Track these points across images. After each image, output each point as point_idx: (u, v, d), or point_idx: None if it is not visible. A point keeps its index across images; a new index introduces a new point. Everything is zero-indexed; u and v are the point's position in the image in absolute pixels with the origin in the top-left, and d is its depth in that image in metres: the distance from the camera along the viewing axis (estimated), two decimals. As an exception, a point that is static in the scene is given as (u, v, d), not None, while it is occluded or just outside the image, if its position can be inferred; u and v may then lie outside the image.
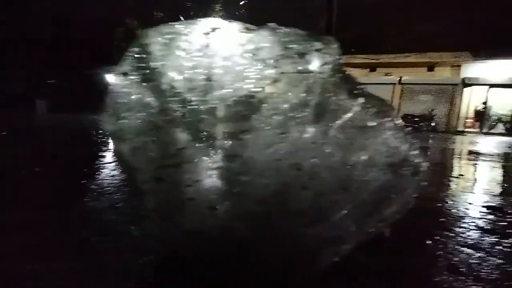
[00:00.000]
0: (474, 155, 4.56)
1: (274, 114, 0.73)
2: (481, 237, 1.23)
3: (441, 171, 3.01)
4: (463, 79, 13.08)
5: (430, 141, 7.50)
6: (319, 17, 4.37)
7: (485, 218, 1.46)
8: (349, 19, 15.66)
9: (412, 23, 14.11)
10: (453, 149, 5.67)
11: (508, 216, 1.50)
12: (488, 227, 1.33)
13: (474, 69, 13.15)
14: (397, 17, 14.28)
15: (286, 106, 0.73)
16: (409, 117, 13.47)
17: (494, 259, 1.03)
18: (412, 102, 13.89)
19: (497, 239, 1.20)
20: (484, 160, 3.87)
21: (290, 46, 0.76)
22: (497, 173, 3.07)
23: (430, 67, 13.89)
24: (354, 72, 15.12)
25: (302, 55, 0.76)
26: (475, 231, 1.29)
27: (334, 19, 3.92)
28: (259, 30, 0.78)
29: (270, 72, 0.74)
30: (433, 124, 12.99)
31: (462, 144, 7.04)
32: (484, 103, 13.18)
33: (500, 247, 1.13)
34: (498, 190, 2.25)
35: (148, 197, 0.84)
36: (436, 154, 4.85)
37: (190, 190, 0.75)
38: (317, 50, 0.78)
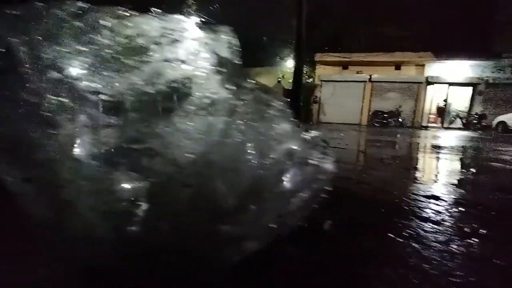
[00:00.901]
0: (433, 148, 4.88)
1: (184, 110, 0.71)
2: (416, 224, 1.30)
3: (398, 163, 3.18)
4: (427, 78, 14.01)
5: (398, 135, 7.95)
6: (290, 16, 4.42)
7: (422, 206, 1.55)
8: (321, 18, 16.03)
9: (380, 24, 14.77)
10: (416, 143, 6.05)
11: (444, 204, 1.61)
12: (424, 215, 1.42)
13: (436, 68, 14.13)
14: (365, 18, 14.87)
15: (196, 101, 0.72)
16: (379, 113, 14.20)
17: (424, 245, 1.09)
18: (382, 99, 14.61)
19: (431, 226, 1.28)
20: (441, 153, 4.16)
21: (206, 42, 0.76)
22: (449, 164, 3.31)
23: (397, 66, 14.70)
24: (328, 69, 15.57)
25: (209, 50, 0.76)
26: (410, 219, 1.36)
27: (303, 17, 3.97)
28: (175, 21, 0.76)
29: (184, 67, 0.72)
30: (400, 120, 13.80)
31: (424, 138, 7.52)
32: (445, 100, 14.23)
33: (434, 234, 1.20)
34: (444, 180, 2.41)
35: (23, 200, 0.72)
36: (399, 148, 5.13)
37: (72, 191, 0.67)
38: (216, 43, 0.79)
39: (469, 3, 14.44)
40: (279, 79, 17.27)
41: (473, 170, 2.85)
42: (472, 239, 1.15)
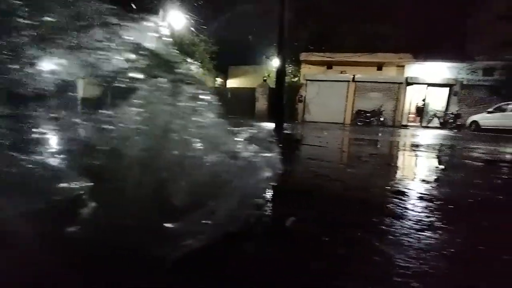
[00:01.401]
0: (411, 146, 5.08)
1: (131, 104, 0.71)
2: (379, 218, 1.36)
3: (374, 161, 3.29)
4: (406, 79, 14.50)
5: (379, 134, 8.20)
6: (274, 15, 4.44)
7: (389, 202, 1.63)
8: (306, 18, 16.21)
9: (363, 25, 15.13)
10: (395, 141, 6.26)
11: (409, 200, 1.69)
12: (388, 210, 1.49)
13: (415, 69, 14.66)
14: (349, 18, 15.20)
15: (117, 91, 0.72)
16: (362, 113, 14.55)
17: (382, 237, 1.14)
18: (364, 99, 14.98)
19: (392, 221, 1.34)
20: (418, 151, 4.33)
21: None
22: (422, 162, 3.45)
23: (379, 67, 15.12)
24: (313, 69, 15.78)
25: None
26: (375, 213, 1.43)
27: (285, 16, 4.00)
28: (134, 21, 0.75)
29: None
30: (382, 119, 14.21)
31: (404, 136, 7.80)
32: (423, 100, 14.79)
33: (396, 228, 1.26)
34: (414, 176, 2.52)
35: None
36: (377, 146, 5.29)
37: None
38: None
39: (445, 8, 15.08)
40: (265, 77, 17.33)
41: (442, 167, 3.00)
42: (426, 231, 1.22)
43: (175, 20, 13.15)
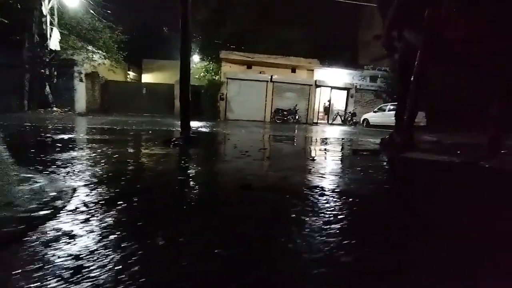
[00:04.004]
0: (317, 140, 5.58)
1: None
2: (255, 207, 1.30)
3: (278, 155, 3.41)
4: (315, 81, 16.34)
5: (296, 130, 8.85)
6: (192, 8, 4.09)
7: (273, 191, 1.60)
8: (225, 17, 16.23)
9: (277, 30, 16.25)
10: (306, 136, 6.83)
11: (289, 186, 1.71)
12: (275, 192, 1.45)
13: (322, 74, 16.69)
14: (263, 22, 16.06)
15: None
16: (279, 111, 15.59)
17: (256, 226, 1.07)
18: (282, 98, 16.09)
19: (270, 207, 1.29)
20: (324, 144, 4.77)
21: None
22: (325, 154, 3.62)
23: (293, 69, 16.51)
24: (234, 68, 15.90)
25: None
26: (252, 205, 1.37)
27: (189, 8, 3.73)
28: None
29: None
30: (297, 117, 15.60)
31: (314, 132, 8.66)
32: (329, 101, 17.01)
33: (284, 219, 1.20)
34: (312, 169, 2.68)
35: None
36: (284, 141, 5.61)
37: None
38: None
39: (342, 23, 17.77)
40: (184, 74, 16.45)
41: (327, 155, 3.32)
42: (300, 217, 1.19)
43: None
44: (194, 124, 8.53)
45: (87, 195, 1.34)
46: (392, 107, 13.16)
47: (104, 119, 8.82)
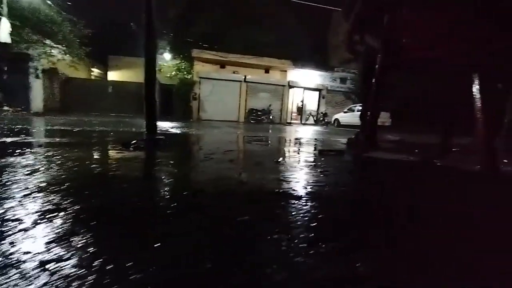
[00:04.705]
0: (287, 141, 5.62)
1: None
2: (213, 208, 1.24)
3: (244, 155, 3.37)
4: (288, 82, 16.58)
5: (269, 131, 8.86)
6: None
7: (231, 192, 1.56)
8: (196, 16, 15.86)
9: (252, 29, 16.22)
10: (278, 137, 6.87)
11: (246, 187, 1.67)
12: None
13: (295, 75, 16.97)
14: (236, 23, 15.97)
15: None
16: (253, 111, 15.59)
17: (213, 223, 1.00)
18: (256, 98, 16.10)
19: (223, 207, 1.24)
20: (293, 145, 4.80)
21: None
22: (292, 156, 3.57)
23: (267, 70, 16.60)
24: (207, 67, 15.59)
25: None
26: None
27: (153, 9, 3.57)
28: None
29: None
30: (271, 117, 15.70)
31: (286, 133, 8.74)
32: (302, 101, 17.34)
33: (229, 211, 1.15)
34: (272, 172, 2.65)
35: None
36: (253, 141, 5.59)
37: None
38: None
39: (314, 26, 18.22)
40: (155, 72, 15.81)
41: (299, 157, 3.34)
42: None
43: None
44: (164, 124, 8.18)
45: None
46: (360, 107, 13.76)
47: (63, 120, 8.14)
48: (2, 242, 0.90)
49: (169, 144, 3.74)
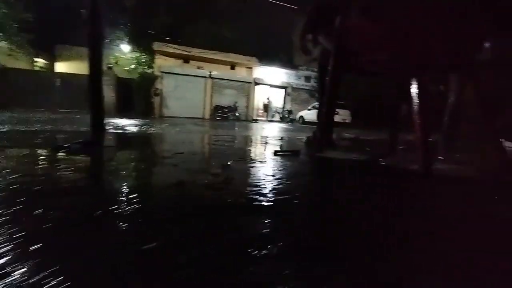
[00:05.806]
0: (248, 140, 5.56)
1: None
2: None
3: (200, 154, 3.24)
4: (254, 79, 16.57)
5: (234, 128, 8.72)
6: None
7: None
8: (157, 7, 15.01)
9: (218, 24, 15.84)
10: (242, 135, 6.79)
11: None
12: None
13: (261, 72, 17.01)
14: (200, 16, 15.47)
15: None
16: (219, 108, 15.31)
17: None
18: (221, 95, 15.83)
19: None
20: (257, 143, 4.76)
21: None
22: (247, 156, 3.12)
23: (232, 66, 16.39)
24: (169, 61, 14.87)
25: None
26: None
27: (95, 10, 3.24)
28: None
29: None
30: (237, 114, 15.57)
31: (251, 130, 8.70)
32: (268, 98, 17.49)
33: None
34: (220, 177, 2.58)
35: None
36: (212, 139, 5.47)
37: None
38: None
39: (279, 24, 18.37)
40: (110, 64, 14.66)
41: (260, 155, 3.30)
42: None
43: None
44: (121, 122, 7.56)
45: None
46: (323, 105, 14.28)
47: (-3, 116, 7.09)
48: None
49: (112, 146, 3.39)
